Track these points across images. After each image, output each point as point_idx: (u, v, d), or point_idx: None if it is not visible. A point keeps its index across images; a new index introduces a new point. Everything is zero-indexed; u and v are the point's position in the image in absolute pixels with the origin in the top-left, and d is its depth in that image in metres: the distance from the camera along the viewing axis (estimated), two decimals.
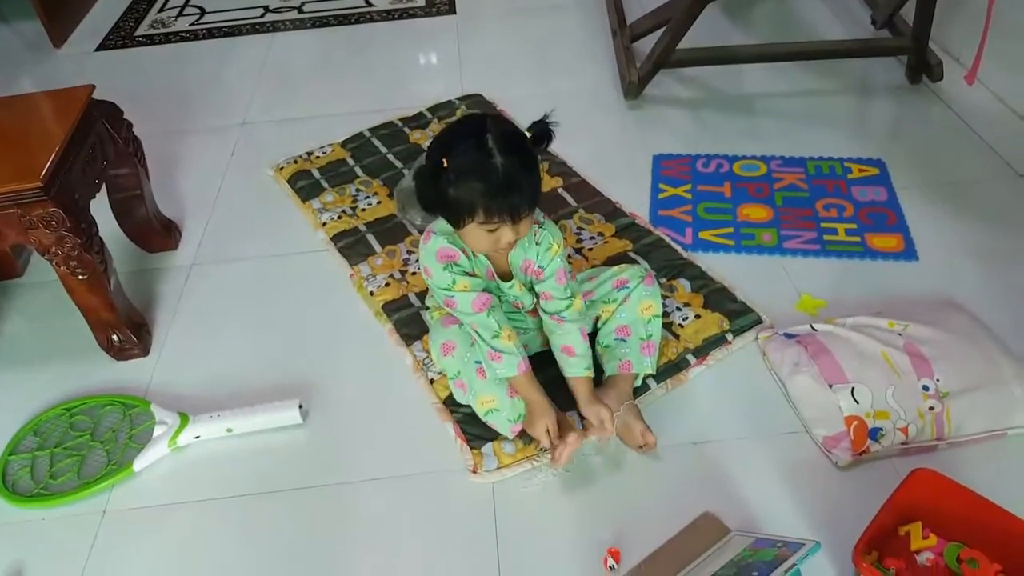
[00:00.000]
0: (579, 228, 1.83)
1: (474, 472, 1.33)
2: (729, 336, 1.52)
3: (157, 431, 1.43)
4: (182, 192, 2.10)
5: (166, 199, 1.99)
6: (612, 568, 1.19)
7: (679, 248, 1.75)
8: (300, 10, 3.12)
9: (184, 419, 1.43)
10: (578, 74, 2.48)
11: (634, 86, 2.24)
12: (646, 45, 2.33)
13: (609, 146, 2.13)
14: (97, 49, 2.97)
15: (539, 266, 1.34)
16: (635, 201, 1.91)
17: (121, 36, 3.05)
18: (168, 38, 3.02)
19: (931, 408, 1.30)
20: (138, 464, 1.38)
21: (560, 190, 1.95)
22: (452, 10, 3.00)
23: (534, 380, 1.34)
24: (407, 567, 1.22)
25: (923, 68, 2.21)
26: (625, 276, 1.46)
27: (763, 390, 1.44)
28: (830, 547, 1.15)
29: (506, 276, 1.36)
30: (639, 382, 1.43)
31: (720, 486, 1.29)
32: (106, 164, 1.64)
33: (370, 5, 3.12)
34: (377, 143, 2.20)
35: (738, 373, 1.48)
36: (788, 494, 1.27)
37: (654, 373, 1.44)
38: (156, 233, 1.88)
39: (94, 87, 1.66)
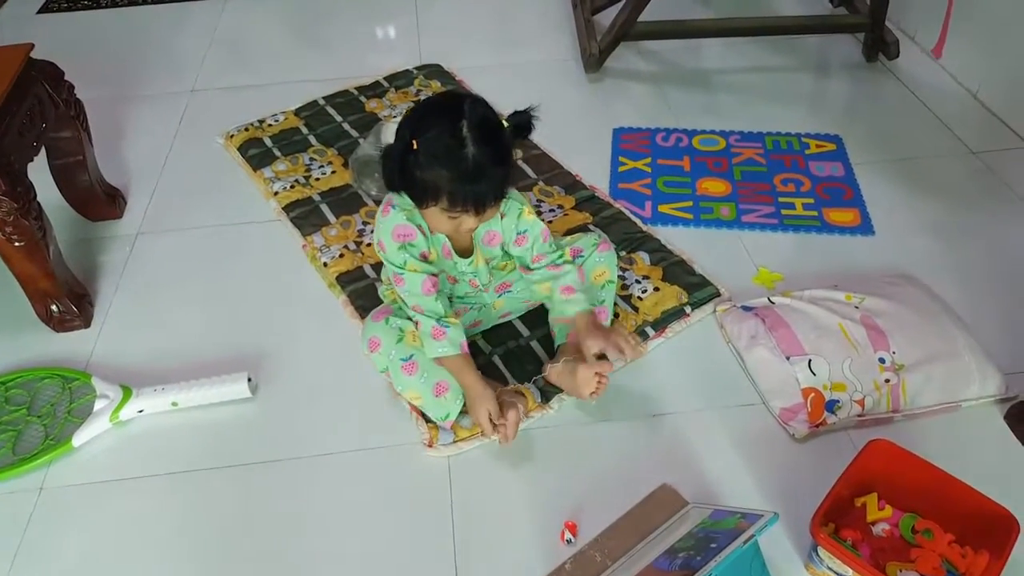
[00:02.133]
0: (539, 200, 1.80)
1: (429, 446, 1.30)
2: (688, 309, 1.51)
3: (98, 405, 1.37)
4: (127, 159, 2.02)
5: (110, 166, 1.91)
6: (569, 542, 1.17)
7: (638, 221, 1.73)
8: None
9: (127, 392, 1.37)
10: (538, 46, 2.44)
11: (594, 59, 2.21)
12: (607, 18, 2.30)
13: (570, 118, 2.10)
14: (39, 12, 2.84)
15: (519, 232, 1.30)
16: (595, 174, 1.89)
17: (65, 3, 2.92)
18: (115, 2, 2.89)
19: (887, 380, 1.31)
20: (78, 439, 1.33)
21: (520, 162, 1.92)
22: None
23: (471, 364, 1.29)
24: (358, 544, 1.19)
25: (879, 46, 2.22)
26: (579, 245, 1.43)
27: (721, 362, 1.44)
28: (788, 519, 1.15)
29: (465, 252, 1.33)
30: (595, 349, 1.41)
31: (678, 458, 1.29)
32: (45, 127, 1.56)
33: None
34: (332, 111, 2.14)
35: (696, 346, 1.47)
36: (745, 466, 1.27)
37: None
38: (99, 201, 1.81)
39: (32, 46, 1.57)
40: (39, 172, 1.63)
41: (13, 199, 1.36)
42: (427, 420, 1.33)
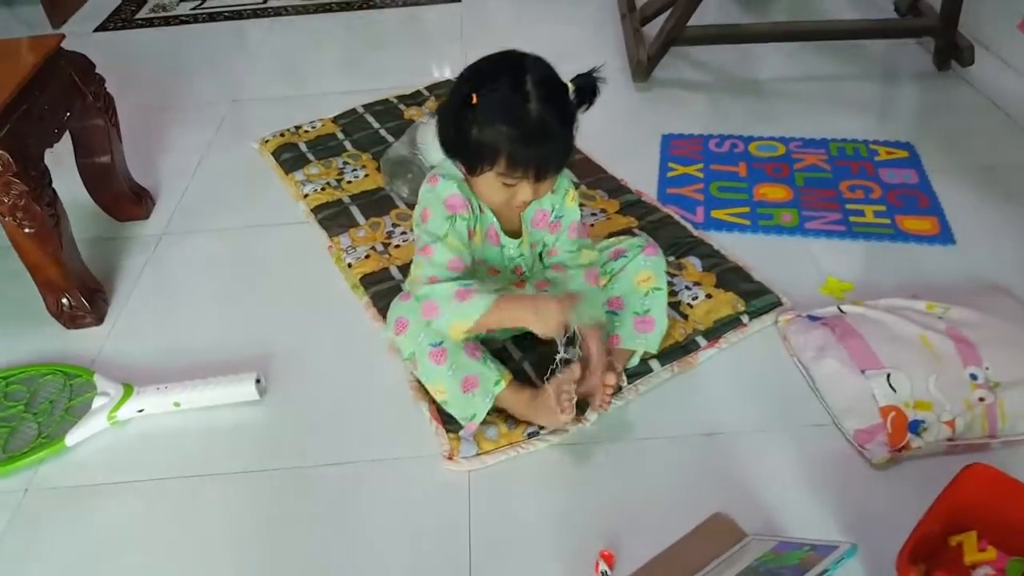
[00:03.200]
0: (580, 204, 1.66)
1: (450, 459, 1.16)
2: (744, 318, 1.35)
3: (97, 403, 1.27)
4: (159, 163, 1.97)
5: (142, 169, 1.85)
6: (604, 574, 1.01)
7: (689, 226, 1.58)
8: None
9: (128, 390, 1.27)
10: (585, 58, 2.28)
11: (643, 65, 2.09)
12: (656, 30, 2.18)
13: (615, 125, 1.97)
14: (96, 30, 2.87)
15: (556, 216, 1.19)
16: (641, 179, 1.76)
17: (121, 19, 2.95)
18: (168, 21, 2.91)
19: (981, 399, 1.13)
20: (71, 438, 1.22)
21: None
22: None
23: (517, 295, 1.16)
24: (358, 567, 1.05)
25: (952, 52, 2.05)
26: (623, 246, 1.30)
27: (784, 377, 1.27)
28: (864, 558, 0.97)
29: (514, 233, 1.21)
30: (635, 361, 1.26)
31: (734, 484, 1.12)
32: (70, 116, 1.51)
33: None
34: (370, 119, 2.06)
35: (755, 358, 1.31)
36: (814, 495, 1.09)
37: (655, 353, 1.27)
38: (126, 200, 1.74)
39: (63, 36, 1.53)
40: (68, 171, 1.59)
41: (25, 182, 1.29)
42: (448, 430, 1.19)
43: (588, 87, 1.06)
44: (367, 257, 1.56)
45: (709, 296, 1.39)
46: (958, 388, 1.14)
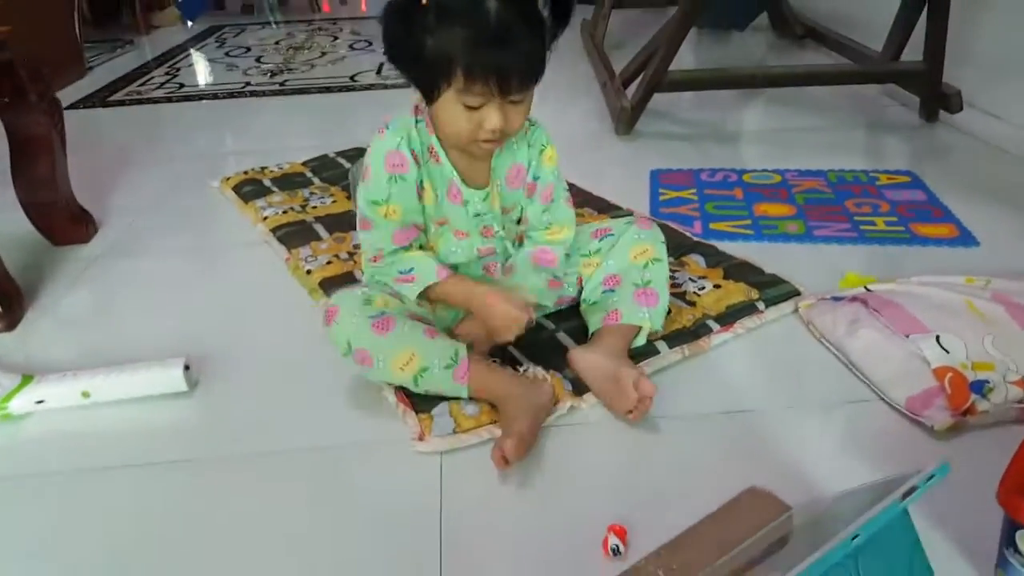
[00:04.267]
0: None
1: (420, 439, 0.94)
2: (760, 305, 1.18)
3: None
4: (111, 198, 1.82)
5: (90, 202, 1.67)
6: (616, 551, 0.78)
7: (688, 233, 1.44)
8: (282, 84, 2.99)
9: (26, 380, 1.05)
10: (566, 120, 2.28)
11: (627, 113, 2.03)
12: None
13: (601, 167, 1.88)
14: (66, 108, 2.80)
15: (535, 176, 1.06)
16: (632, 203, 1.63)
17: (93, 102, 2.89)
18: (141, 102, 2.86)
19: None
20: None
21: None
22: None
23: (462, 277, 1.02)
24: (304, 565, 0.81)
25: (939, 101, 2.01)
26: (606, 225, 1.15)
27: (814, 358, 1.09)
28: (940, 537, 0.76)
29: (479, 187, 1.05)
30: (641, 340, 1.07)
31: (766, 461, 0.91)
32: (7, 103, 1.37)
33: (354, 80, 2.99)
34: (341, 160, 1.95)
35: (777, 342, 1.14)
36: (867, 471, 0.88)
37: (660, 330, 1.08)
38: (67, 221, 1.58)
39: (10, 29, 1.42)
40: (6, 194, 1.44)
41: None
42: (418, 411, 0.98)
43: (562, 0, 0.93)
44: (329, 263, 1.39)
45: (718, 286, 1.23)
46: (1019, 348, 0.96)
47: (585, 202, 1.60)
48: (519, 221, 1.11)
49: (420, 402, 0.99)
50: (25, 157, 1.49)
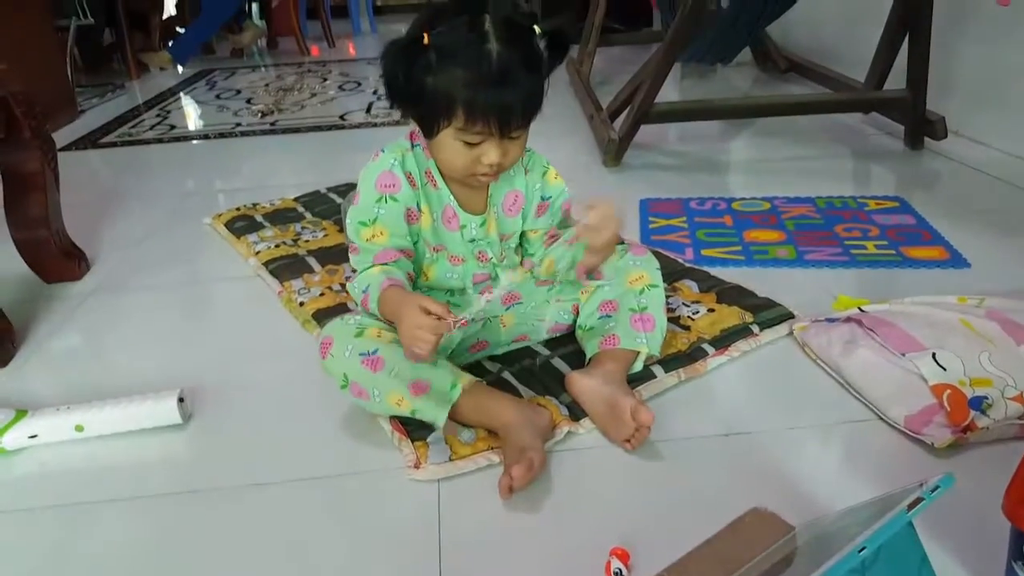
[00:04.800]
0: None
1: (416, 467, 0.93)
2: (755, 328, 1.18)
3: None
4: (103, 237, 1.81)
5: (82, 241, 1.67)
6: (618, 574, 0.77)
7: (679, 259, 1.45)
8: (273, 124, 3.01)
9: (20, 414, 1.04)
10: (555, 153, 2.29)
11: (615, 144, 2.05)
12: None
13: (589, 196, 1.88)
14: (59, 150, 2.81)
15: (542, 197, 1.07)
16: (623, 232, 1.63)
17: (85, 144, 2.89)
18: (132, 143, 2.86)
19: None
20: None
21: None
22: None
23: (402, 288, 0.96)
24: None
25: (923, 128, 2.04)
26: None
27: (810, 380, 1.09)
28: (943, 553, 0.76)
29: (476, 212, 1.06)
30: (639, 366, 1.07)
31: (767, 482, 0.90)
32: (2, 138, 1.38)
33: (343, 120, 3.02)
34: (333, 196, 1.96)
35: (773, 365, 1.14)
36: (868, 489, 0.88)
37: (657, 355, 1.08)
38: (59, 257, 1.57)
39: (6, 68, 1.43)
40: None
41: None
42: (413, 439, 0.97)
43: (558, 36, 0.95)
44: (321, 295, 1.38)
45: (712, 310, 1.24)
46: (1016, 364, 0.97)
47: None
48: (520, 246, 1.12)
49: (416, 429, 0.98)
50: (18, 194, 1.49)
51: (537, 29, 0.95)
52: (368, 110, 3.09)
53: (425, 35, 0.90)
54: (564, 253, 1.06)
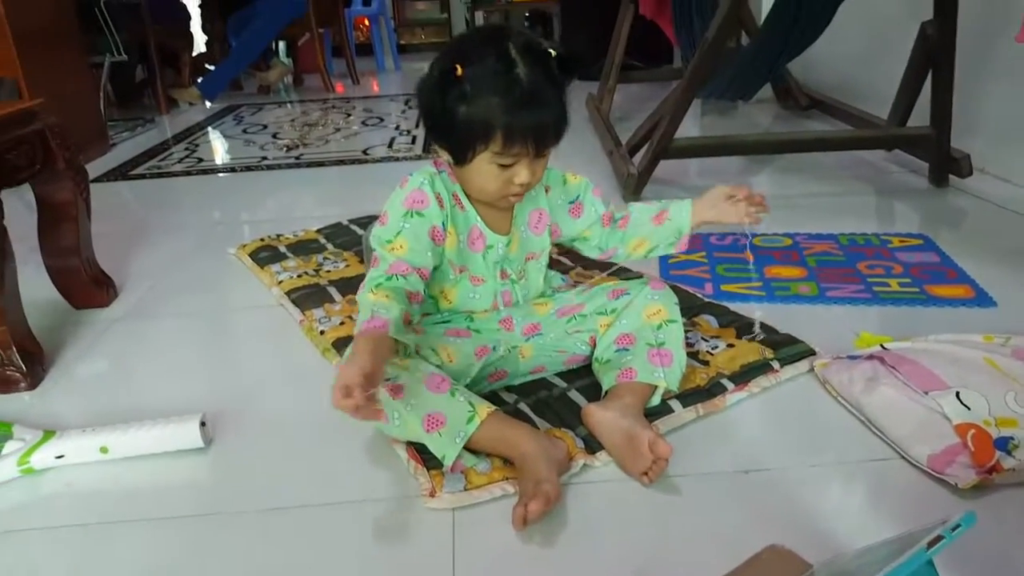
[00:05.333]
0: (576, 282, 1.54)
1: (431, 496, 0.93)
2: (775, 364, 1.18)
3: (8, 448, 1.04)
4: (130, 265, 1.85)
5: (110, 269, 1.70)
6: None
7: (698, 294, 1.45)
8: (297, 158, 3.06)
9: (48, 435, 1.05)
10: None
11: (634, 179, 2.07)
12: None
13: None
14: (91, 182, 2.87)
15: (570, 200, 1.13)
16: (642, 266, 1.64)
17: (116, 176, 2.96)
18: (161, 176, 2.93)
19: None
20: None
21: (554, 254, 1.69)
22: None
23: (370, 337, 0.92)
24: None
25: (948, 165, 2.04)
26: (624, 285, 1.17)
27: (831, 417, 1.08)
28: None
29: (502, 231, 1.10)
30: (656, 400, 1.07)
31: (785, 520, 0.89)
32: (38, 168, 1.41)
33: (366, 154, 3.07)
34: (355, 228, 1.99)
35: (793, 402, 1.13)
36: (888, 528, 0.86)
37: (676, 391, 1.08)
38: (88, 284, 1.60)
39: (42, 101, 1.48)
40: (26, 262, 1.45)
41: None
42: (429, 467, 0.97)
43: (570, 56, 0.99)
44: (342, 324, 1.40)
45: (731, 346, 1.23)
46: None
47: (594, 264, 1.62)
48: (542, 305, 1.16)
49: (431, 458, 0.98)
50: (51, 223, 1.53)
51: (552, 52, 0.98)
52: (390, 145, 3.14)
53: (458, 67, 0.94)
54: (655, 231, 1.13)
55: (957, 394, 0.97)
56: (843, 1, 1.99)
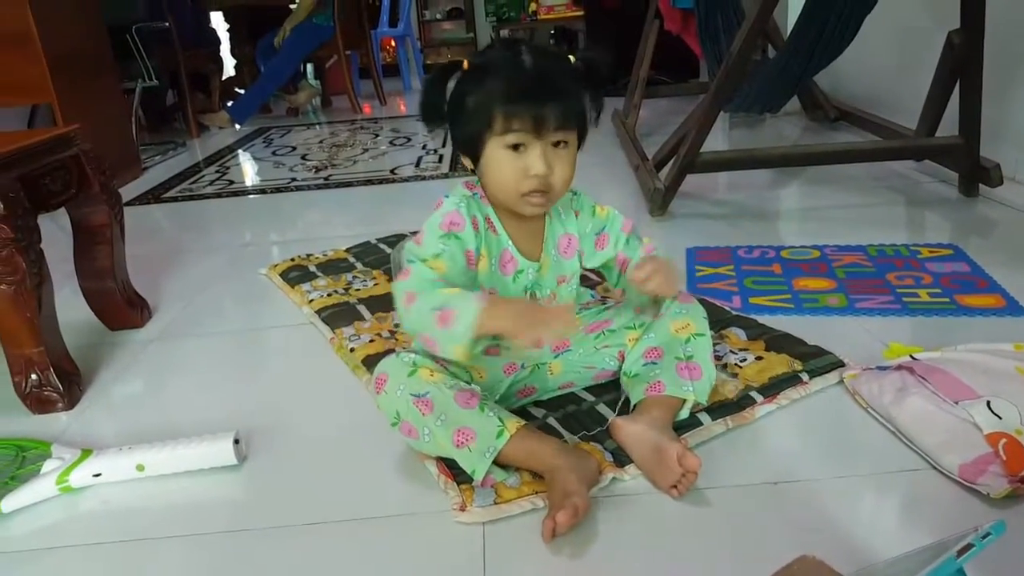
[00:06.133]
0: (602, 296, 1.55)
1: (461, 510, 0.94)
2: (804, 376, 1.17)
3: (47, 467, 1.07)
4: (164, 286, 1.89)
5: (145, 290, 1.74)
6: None
7: (726, 307, 1.45)
8: (326, 179, 3.11)
9: (85, 453, 1.08)
10: (606, 193, 2.32)
11: (660, 193, 2.07)
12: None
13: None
14: (124, 205, 2.94)
15: (597, 231, 1.12)
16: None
17: (148, 199, 3.02)
18: (193, 198, 2.98)
19: None
20: (8, 504, 1.02)
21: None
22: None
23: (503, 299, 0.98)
24: None
25: (978, 175, 2.02)
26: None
27: (861, 428, 1.07)
28: None
29: (532, 256, 1.10)
30: (685, 413, 1.07)
31: (817, 530, 0.89)
32: (74, 193, 1.46)
33: (394, 173, 3.10)
34: (383, 247, 2.01)
35: (823, 413, 1.12)
36: (920, 539, 0.85)
37: (705, 404, 1.08)
38: (122, 306, 1.63)
39: (79, 125, 1.53)
40: (62, 285, 1.50)
41: (12, 228, 1.21)
42: (459, 482, 0.98)
43: (595, 62, 1.01)
44: (371, 341, 1.42)
45: (760, 358, 1.23)
46: None
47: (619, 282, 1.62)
48: (580, 282, 1.18)
49: (461, 473, 0.99)
50: (87, 245, 1.57)
51: (572, 58, 1.00)
52: (417, 164, 3.18)
53: (465, 61, 0.97)
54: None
55: (988, 403, 0.96)
56: (868, 14, 1.99)
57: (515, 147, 0.97)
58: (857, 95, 3.04)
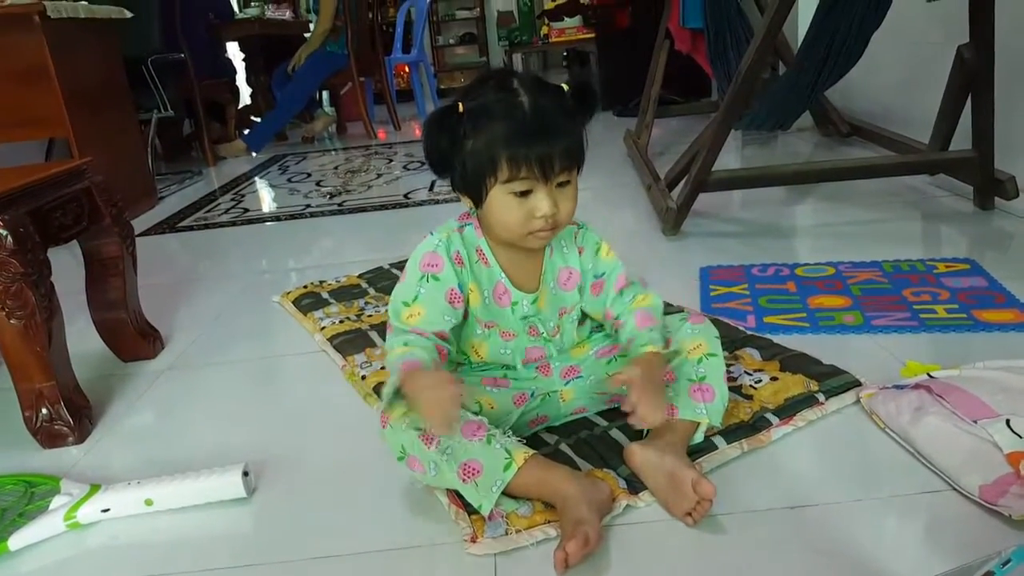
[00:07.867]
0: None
1: (473, 541, 0.92)
2: (820, 396, 1.15)
3: (55, 503, 1.07)
4: (176, 315, 1.90)
5: (157, 320, 1.75)
6: None
7: (741, 327, 1.43)
8: (340, 205, 3.12)
9: (94, 489, 1.08)
10: (614, 223, 2.33)
11: (673, 213, 2.06)
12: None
13: (648, 266, 1.89)
14: (138, 235, 2.96)
15: (595, 275, 1.08)
16: (683, 300, 1.63)
17: (163, 228, 3.05)
18: (208, 227, 3.00)
19: None
20: (16, 541, 1.02)
21: None
22: None
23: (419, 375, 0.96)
24: None
25: (993, 188, 1.99)
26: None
27: (879, 449, 1.05)
28: None
29: (528, 289, 1.08)
30: (699, 437, 1.05)
31: (836, 555, 0.87)
32: (85, 225, 1.47)
33: (407, 198, 3.12)
34: (395, 271, 2.01)
35: (840, 435, 1.10)
36: (941, 562, 0.83)
37: (719, 427, 1.06)
38: (134, 337, 1.64)
39: (91, 159, 1.55)
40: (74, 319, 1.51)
41: (22, 263, 1.21)
42: (470, 512, 0.97)
43: (585, 89, 1.00)
44: (383, 368, 1.41)
45: (775, 379, 1.21)
46: None
47: None
48: (582, 321, 1.14)
49: (472, 505, 0.97)
50: (98, 277, 1.58)
51: (565, 87, 0.99)
52: (431, 188, 3.19)
53: (459, 104, 0.95)
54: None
55: (1007, 422, 0.94)
56: (876, 29, 1.97)
57: (522, 193, 0.96)
58: (869, 110, 3.02)
